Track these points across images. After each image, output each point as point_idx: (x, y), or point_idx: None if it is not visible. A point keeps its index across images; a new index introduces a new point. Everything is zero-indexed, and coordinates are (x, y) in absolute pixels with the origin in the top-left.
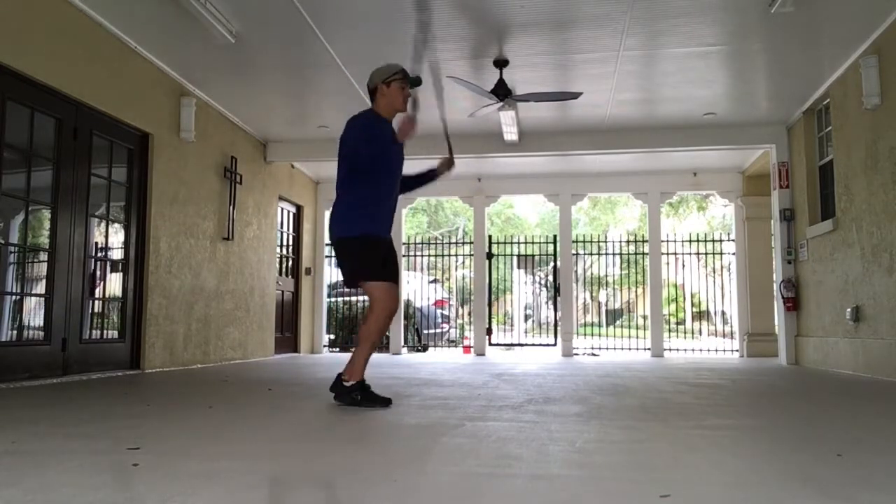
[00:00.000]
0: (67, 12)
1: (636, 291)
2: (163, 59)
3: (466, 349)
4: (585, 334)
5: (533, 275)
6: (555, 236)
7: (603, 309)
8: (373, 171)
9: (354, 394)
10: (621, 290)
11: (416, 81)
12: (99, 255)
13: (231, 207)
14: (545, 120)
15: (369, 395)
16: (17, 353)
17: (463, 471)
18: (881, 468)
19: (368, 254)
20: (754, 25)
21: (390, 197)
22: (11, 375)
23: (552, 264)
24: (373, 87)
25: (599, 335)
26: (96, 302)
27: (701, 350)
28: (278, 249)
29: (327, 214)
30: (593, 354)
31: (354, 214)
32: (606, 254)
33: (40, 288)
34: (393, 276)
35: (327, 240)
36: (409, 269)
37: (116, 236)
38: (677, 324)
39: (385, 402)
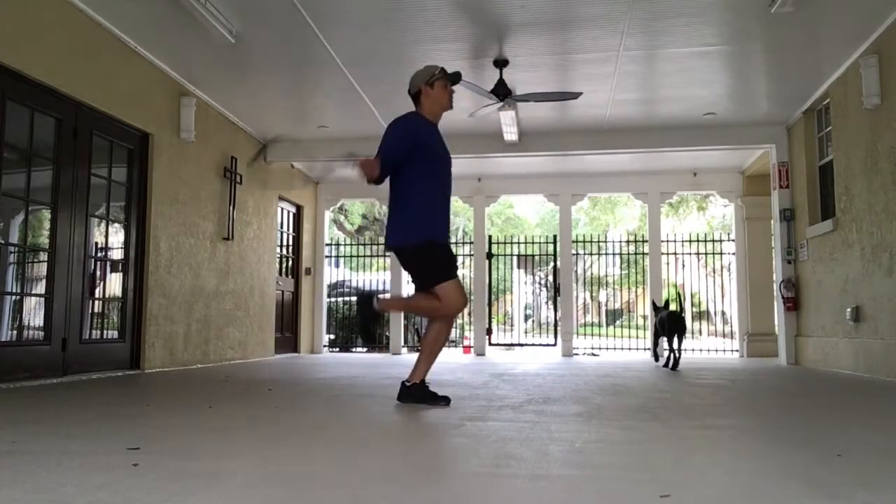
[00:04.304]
0: (67, 12)
1: (636, 291)
2: (163, 59)
3: (466, 349)
4: (585, 334)
5: (533, 275)
6: (555, 236)
7: (603, 309)
8: (419, 174)
9: (416, 394)
10: (621, 290)
11: (457, 77)
12: (99, 255)
13: (231, 207)
14: (545, 120)
15: (427, 394)
16: (17, 353)
17: (463, 471)
18: (881, 468)
19: (432, 259)
20: (754, 25)
21: (443, 198)
22: (11, 375)
23: (552, 264)
24: (415, 92)
25: (599, 335)
26: (96, 302)
27: (701, 350)
28: (278, 249)
29: (328, 214)
30: (593, 354)
31: (413, 221)
32: (606, 254)
33: (40, 288)
34: (456, 269)
35: (327, 240)
36: None
37: (116, 236)
38: None
39: (445, 400)
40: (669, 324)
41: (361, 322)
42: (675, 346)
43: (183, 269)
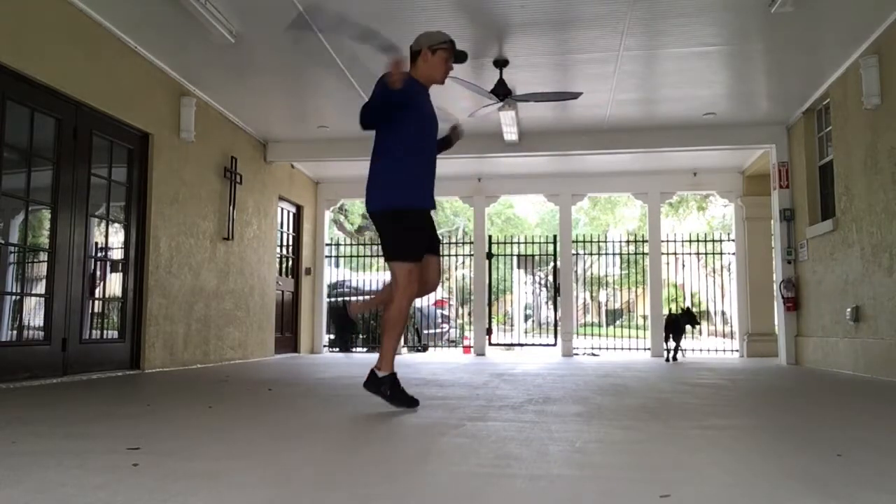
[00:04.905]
0: (67, 12)
1: (636, 291)
2: (163, 59)
3: (466, 349)
4: (585, 334)
5: (533, 275)
6: (555, 236)
7: (603, 309)
8: (398, 137)
9: (384, 387)
10: (621, 290)
11: (462, 57)
12: (99, 255)
13: (231, 207)
14: (545, 120)
15: (398, 393)
16: (17, 353)
17: (463, 471)
18: (881, 468)
19: (393, 230)
20: (754, 25)
21: (421, 164)
22: (11, 375)
23: (552, 264)
24: (416, 50)
25: (599, 335)
26: (96, 302)
27: (701, 350)
28: (278, 249)
29: (328, 214)
30: (593, 354)
31: (382, 182)
32: (606, 254)
33: (40, 288)
34: (419, 252)
35: (327, 240)
36: None
37: (116, 236)
38: None
39: (412, 403)
40: (667, 324)
41: (336, 331)
42: (672, 344)
43: (183, 269)
